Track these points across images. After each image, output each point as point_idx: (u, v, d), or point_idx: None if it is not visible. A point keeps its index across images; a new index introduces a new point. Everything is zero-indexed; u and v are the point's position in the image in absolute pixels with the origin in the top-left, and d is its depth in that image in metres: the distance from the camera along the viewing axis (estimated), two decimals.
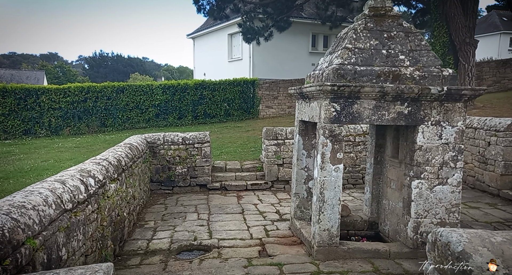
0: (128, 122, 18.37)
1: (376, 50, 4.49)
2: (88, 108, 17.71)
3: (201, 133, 8.05)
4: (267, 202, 7.24)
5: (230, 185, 8.08)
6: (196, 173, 7.98)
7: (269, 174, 8.22)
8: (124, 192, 5.30)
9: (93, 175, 4.22)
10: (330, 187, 4.41)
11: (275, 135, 8.20)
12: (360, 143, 8.24)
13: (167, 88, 18.66)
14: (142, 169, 6.76)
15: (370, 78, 4.36)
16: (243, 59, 23.91)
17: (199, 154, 7.96)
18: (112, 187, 4.69)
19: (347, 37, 4.63)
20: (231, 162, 9.14)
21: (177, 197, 7.64)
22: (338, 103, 4.31)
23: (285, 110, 21.19)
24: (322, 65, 5.01)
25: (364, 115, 4.34)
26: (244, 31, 16.96)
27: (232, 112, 19.86)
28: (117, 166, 5.09)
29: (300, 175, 5.56)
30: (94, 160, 4.83)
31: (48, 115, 17.22)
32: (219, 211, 6.65)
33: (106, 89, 17.81)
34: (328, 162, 4.40)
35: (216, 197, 7.64)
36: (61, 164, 10.43)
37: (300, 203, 5.59)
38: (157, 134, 7.92)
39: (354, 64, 4.41)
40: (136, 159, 6.23)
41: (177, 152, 7.87)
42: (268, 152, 8.20)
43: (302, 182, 5.57)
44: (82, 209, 3.61)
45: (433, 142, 4.32)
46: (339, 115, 4.33)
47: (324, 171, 4.40)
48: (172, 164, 7.88)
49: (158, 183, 7.88)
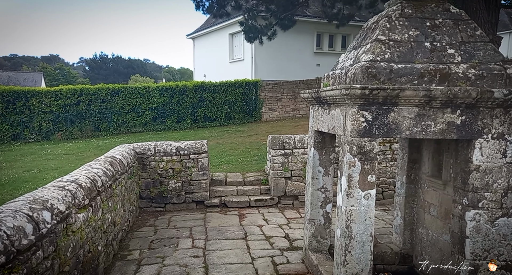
0: (123, 127, 17.39)
1: (417, 42, 3.49)
2: (81, 112, 16.73)
3: (197, 143, 7.06)
4: (273, 223, 6.24)
5: (230, 201, 7.08)
6: (192, 187, 6.98)
7: (275, 188, 7.22)
8: (100, 220, 4.31)
9: (51, 205, 3.24)
10: (359, 219, 3.40)
11: (282, 144, 7.20)
12: (378, 152, 7.24)
13: (165, 90, 17.68)
14: (127, 186, 5.77)
15: (411, 79, 3.36)
16: (245, 60, 22.92)
17: (195, 166, 6.97)
18: (80, 218, 3.70)
19: (378, 27, 3.64)
20: (232, 173, 8.14)
21: (170, 216, 6.64)
22: (370, 112, 3.32)
23: (289, 113, 20.20)
24: (345, 63, 4.01)
25: (403, 127, 3.34)
26: (246, 30, 15.95)
27: (234, 115, 18.87)
28: (90, 188, 4.10)
29: (316, 196, 4.56)
30: (59, 183, 3.84)
31: (38, 119, 16.25)
32: (218, 235, 5.65)
33: (100, 91, 16.84)
34: (356, 186, 3.40)
35: (215, 216, 6.64)
36: (44, 174, 9.46)
37: (316, 231, 4.58)
38: (147, 143, 6.93)
39: (389, 60, 3.42)
40: (119, 175, 5.24)
41: (170, 164, 6.88)
42: (274, 163, 7.20)
43: (318, 206, 4.57)
44: (25, 260, 2.62)
45: (494, 160, 3.31)
46: (371, 127, 3.33)
47: (351, 198, 3.40)
48: (165, 178, 6.89)
49: (149, 199, 6.89)
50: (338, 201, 3.60)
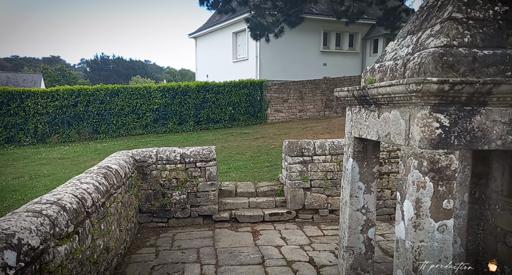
0: (123, 129, 16.55)
1: (506, 21, 2.64)
2: (79, 114, 15.90)
3: (205, 149, 6.20)
4: (293, 243, 5.38)
5: (242, 215, 6.22)
6: (199, 200, 6.13)
7: (292, 200, 6.36)
8: (89, 249, 3.45)
9: (19, 241, 2.38)
10: (432, 257, 2.55)
11: (300, 150, 6.34)
12: None
13: (167, 91, 16.85)
14: (125, 201, 4.92)
15: (502, 70, 2.51)
16: (249, 59, 22.09)
17: (203, 175, 6.11)
18: (61, 251, 2.84)
19: (450, 2, 2.78)
20: (243, 183, 7.28)
21: (174, 233, 5.78)
22: (447, 114, 2.46)
23: (296, 115, 19.35)
24: (398, 53, 3.16)
25: (492, 135, 2.48)
26: (252, 26, 15.11)
27: (238, 117, 18.03)
28: (76, 210, 3.25)
29: (355, 219, 3.70)
30: (35, 205, 2.99)
31: (34, 121, 15.41)
32: (231, 259, 4.79)
33: (99, 92, 16.01)
34: (427, 215, 2.54)
35: (225, 233, 5.78)
36: (35, 182, 8.61)
37: (356, 262, 3.72)
38: (148, 150, 6.08)
39: (469, 45, 2.57)
40: (114, 189, 4.38)
41: (174, 173, 6.02)
42: (291, 172, 6.34)
43: (358, 230, 3.71)
44: None
45: None
46: (448, 135, 2.48)
47: (420, 230, 2.55)
48: (168, 189, 6.03)
49: (149, 213, 6.03)
50: (399, 233, 2.74)
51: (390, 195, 6.40)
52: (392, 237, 5.55)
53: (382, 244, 5.23)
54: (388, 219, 6.43)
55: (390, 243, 5.28)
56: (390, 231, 5.82)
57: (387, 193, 6.39)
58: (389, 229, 5.95)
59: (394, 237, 5.54)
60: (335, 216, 6.42)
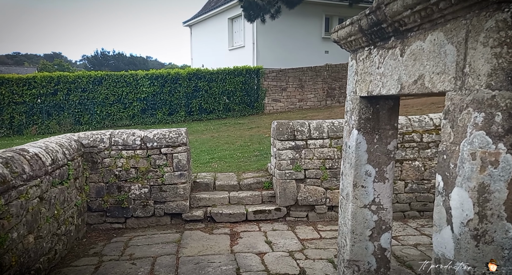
0: (108, 119, 15.34)
1: None
2: (59, 103, 14.70)
3: (172, 131, 4.99)
4: (281, 248, 4.17)
5: (220, 213, 5.02)
6: (165, 195, 4.92)
7: (282, 194, 5.15)
8: None
9: None
10: None
11: (291, 133, 5.12)
12: (430, 143, 5.13)
13: (155, 78, 15.60)
14: (52, 196, 3.71)
15: None
16: (246, 47, 20.78)
17: (169, 163, 4.90)
18: None
19: None
20: (224, 174, 6.07)
21: (130, 236, 4.58)
22: None
23: (295, 104, 18.07)
24: None
25: None
26: (246, 5, 13.82)
27: (233, 106, 16.78)
28: None
29: (362, 219, 2.48)
30: None
31: (9, 111, 14.21)
32: (195, 273, 3.59)
33: (81, 79, 14.79)
34: (500, 216, 1.32)
35: (196, 236, 4.58)
36: None
37: None
38: (99, 132, 4.86)
39: None
40: (22, 181, 3.17)
41: (132, 161, 4.82)
42: (281, 160, 5.12)
43: (365, 236, 2.49)
44: None
45: None
46: None
47: (485, 244, 1.33)
48: (125, 181, 4.83)
49: (101, 212, 4.83)
50: (440, 247, 1.52)
51: (403, 187, 5.17)
52: (409, 241, 4.33)
53: (396, 250, 4.01)
54: (401, 217, 5.21)
55: (407, 249, 4.06)
56: (405, 233, 4.60)
57: (400, 185, 5.16)
58: (403, 229, 4.73)
59: (412, 240, 4.33)
60: (335, 213, 5.21)
